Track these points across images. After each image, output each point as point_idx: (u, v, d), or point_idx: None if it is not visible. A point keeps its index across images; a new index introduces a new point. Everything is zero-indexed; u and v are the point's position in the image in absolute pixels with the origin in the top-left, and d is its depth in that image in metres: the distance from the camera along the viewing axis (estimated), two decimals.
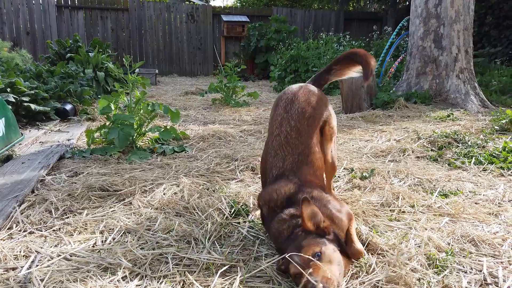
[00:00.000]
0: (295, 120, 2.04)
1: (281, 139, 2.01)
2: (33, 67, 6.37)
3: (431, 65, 6.22)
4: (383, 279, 1.57)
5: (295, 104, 2.10)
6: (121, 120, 3.62)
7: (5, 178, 2.73)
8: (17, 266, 1.71)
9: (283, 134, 2.02)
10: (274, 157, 2.00)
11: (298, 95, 2.15)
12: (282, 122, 2.06)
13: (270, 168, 2.01)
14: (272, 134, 2.07)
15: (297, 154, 1.97)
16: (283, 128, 2.04)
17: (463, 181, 2.81)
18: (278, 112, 2.11)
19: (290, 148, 1.98)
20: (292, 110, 2.08)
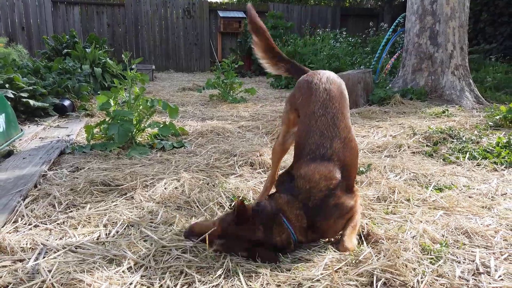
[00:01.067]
0: (339, 102, 2.02)
1: (328, 120, 1.97)
2: (31, 62, 6.37)
3: (427, 62, 6.28)
4: (378, 267, 1.63)
5: (334, 86, 2.07)
6: (121, 116, 3.65)
7: (8, 173, 2.76)
8: (24, 258, 1.76)
9: (329, 115, 1.98)
10: (320, 136, 1.94)
11: (331, 78, 2.15)
12: (325, 103, 2.01)
13: (316, 145, 1.93)
14: (315, 114, 1.99)
15: (343, 138, 1.95)
16: (328, 109, 1.99)
17: (457, 175, 2.88)
18: (319, 93, 2.05)
19: (337, 130, 1.95)
20: (332, 93, 2.04)
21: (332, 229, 1.88)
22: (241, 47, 13.68)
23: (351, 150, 1.97)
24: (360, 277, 1.60)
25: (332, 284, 1.53)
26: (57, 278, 1.57)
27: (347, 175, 1.91)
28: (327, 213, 1.82)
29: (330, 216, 1.83)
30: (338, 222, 1.87)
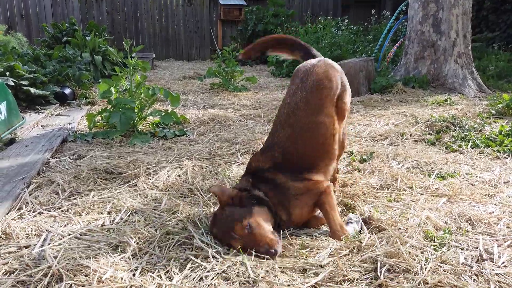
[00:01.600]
0: (308, 91, 2.03)
1: (290, 108, 2.01)
2: (30, 50, 6.33)
3: (430, 50, 6.23)
4: (382, 254, 1.64)
5: (312, 75, 2.08)
6: (122, 104, 3.63)
7: (10, 161, 2.76)
8: (29, 244, 1.77)
9: (293, 103, 2.02)
10: (278, 125, 2.02)
11: (316, 66, 2.14)
12: (296, 91, 2.05)
13: (272, 134, 2.03)
14: (284, 102, 2.07)
15: (299, 127, 1.97)
16: (295, 97, 2.03)
17: (460, 163, 2.88)
18: (295, 82, 2.10)
19: (294, 119, 1.98)
20: (308, 81, 2.06)
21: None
22: (242, 35, 13.57)
23: (306, 140, 1.97)
24: (364, 263, 1.61)
25: (336, 270, 1.54)
26: (63, 264, 1.58)
27: (292, 162, 1.94)
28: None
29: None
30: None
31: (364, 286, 1.47)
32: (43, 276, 1.53)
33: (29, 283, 1.50)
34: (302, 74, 2.12)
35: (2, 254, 1.69)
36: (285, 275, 1.54)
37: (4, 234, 1.84)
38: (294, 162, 1.94)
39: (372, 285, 1.48)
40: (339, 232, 1.83)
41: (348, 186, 2.44)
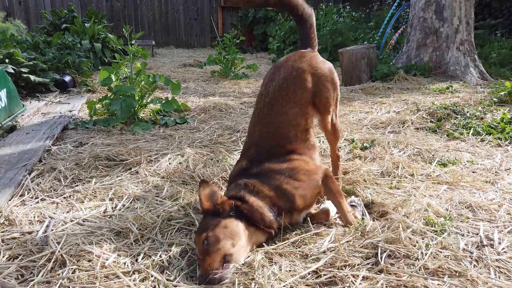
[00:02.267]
0: (274, 88, 2.00)
1: (259, 109, 2.00)
2: (30, 37, 6.28)
3: (432, 37, 6.18)
4: (383, 240, 1.65)
5: (280, 71, 2.05)
6: (123, 91, 3.62)
7: (12, 148, 2.77)
8: (32, 230, 1.78)
9: (260, 104, 2.01)
10: (250, 126, 2.03)
11: (285, 62, 2.10)
12: (266, 89, 2.03)
13: (248, 137, 2.03)
14: (256, 103, 2.06)
15: (265, 124, 1.94)
16: (263, 97, 2.01)
17: (461, 151, 2.88)
18: (266, 80, 2.08)
19: (262, 118, 1.96)
20: (276, 78, 2.04)
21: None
22: (242, 22, 13.44)
23: (274, 129, 1.95)
24: (365, 249, 1.62)
25: (338, 255, 1.55)
26: (66, 249, 1.59)
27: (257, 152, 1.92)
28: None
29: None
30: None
31: (365, 271, 1.48)
32: (47, 261, 1.54)
33: (33, 268, 1.51)
34: (272, 70, 2.11)
35: (6, 239, 1.71)
36: (287, 260, 1.55)
37: (7, 220, 1.85)
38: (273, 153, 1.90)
39: (373, 271, 1.49)
40: (350, 218, 1.84)
41: (349, 173, 2.45)
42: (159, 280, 1.44)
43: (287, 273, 1.47)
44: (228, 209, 1.61)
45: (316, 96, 2.06)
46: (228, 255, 1.48)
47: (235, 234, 1.55)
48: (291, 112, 1.97)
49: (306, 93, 2.02)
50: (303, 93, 2.01)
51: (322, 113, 2.13)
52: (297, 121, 1.97)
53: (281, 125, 1.95)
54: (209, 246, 1.47)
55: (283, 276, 1.45)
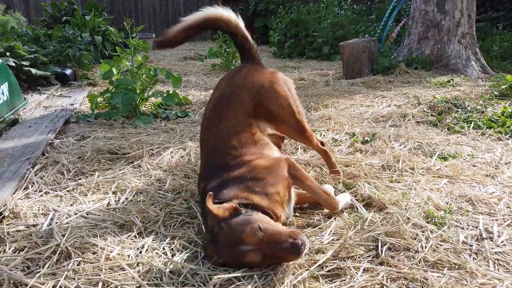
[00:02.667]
0: (214, 102, 2.04)
1: (205, 125, 2.03)
2: (30, 30, 6.26)
3: (433, 30, 6.15)
4: (383, 233, 1.67)
5: (222, 84, 2.10)
6: (124, 85, 3.62)
7: (15, 141, 2.78)
8: (37, 223, 1.80)
9: (206, 119, 2.04)
10: (200, 144, 2.08)
11: (222, 80, 2.16)
12: (208, 106, 2.09)
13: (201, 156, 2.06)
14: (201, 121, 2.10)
15: (212, 140, 1.95)
16: (207, 111, 2.06)
17: (461, 145, 2.89)
18: (210, 98, 2.13)
19: (207, 136, 1.98)
20: (216, 92, 2.08)
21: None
22: (243, 15, 13.35)
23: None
24: (366, 241, 1.64)
25: (341, 248, 1.58)
26: (71, 242, 1.61)
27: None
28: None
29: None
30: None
31: (366, 263, 1.50)
32: (52, 253, 1.56)
33: (39, 260, 1.54)
34: (218, 83, 2.16)
35: (11, 232, 1.73)
36: None
37: (12, 213, 1.87)
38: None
39: (374, 263, 1.51)
40: (330, 199, 1.86)
41: (350, 167, 2.46)
42: (163, 272, 1.46)
43: (295, 266, 1.50)
44: (240, 209, 1.57)
45: (258, 107, 2.03)
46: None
47: (268, 219, 1.55)
48: (230, 124, 1.95)
49: (244, 106, 2.00)
50: (240, 107, 1.99)
51: (274, 122, 2.10)
52: (240, 131, 1.94)
53: (225, 138, 1.92)
54: (266, 228, 1.44)
55: (293, 269, 1.47)
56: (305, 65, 7.77)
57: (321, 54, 8.62)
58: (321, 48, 8.66)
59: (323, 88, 5.09)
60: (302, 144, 2.71)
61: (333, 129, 3.26)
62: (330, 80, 5.68)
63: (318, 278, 1.45)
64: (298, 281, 1.42)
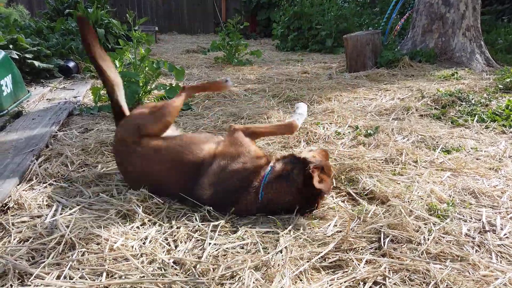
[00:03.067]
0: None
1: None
2: (33, 23, 6.26)
3: (438, 23, 6.10)
4: (386, 225, 1.67)
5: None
6: (127, 77, 3.62)
7: (19, 134, 2.79)
8: (42, 214, 1.81)
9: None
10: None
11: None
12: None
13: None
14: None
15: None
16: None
17: (465, 138, 2.88)
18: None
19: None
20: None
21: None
22: (246, 7, 13.31)
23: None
24: (368, 233, 1.64)
25: (344, 240, 1.58)
26: (75, 233, 1.62)
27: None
28: None
29: None
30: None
31: (369, 255, 1.51)
32: (57, 244, 1.57)
33: (43, 251, 1.55)
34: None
35: (16, 223, 1.74)
36: (295, 247, 1.58)
37: (16, 204, 1.88)
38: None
39: (376, 255, 1.52)
40: (285, 128, 2.12)
41: (353, 160, 2.46)
42: (167, 263, 1.47)
43: (297, 258, 1.50)
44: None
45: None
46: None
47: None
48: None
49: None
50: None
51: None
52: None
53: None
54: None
55: (293, 260, 1.48)
56: (308, 58, 7.74)
57: (325, 47, 8.58)
58: (325, 41, 8.62)
59: (326, 81, 5.07)
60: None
61: (336, 122, 3.25)
62: (333, 73, 5.66)
63: (320, 270, 1.46)
64: (300, 272, 1.43)
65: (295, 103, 2.36)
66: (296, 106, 2.28)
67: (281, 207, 1.79)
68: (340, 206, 1.92)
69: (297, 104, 2.29)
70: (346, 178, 2.22)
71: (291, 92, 4.37)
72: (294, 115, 2.20)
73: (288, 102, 4.03)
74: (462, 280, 1.36)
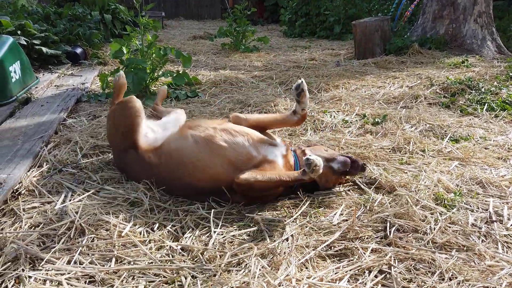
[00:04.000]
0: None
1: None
2: (40, 8, 6.25)
3: (449, 8, 5.98)
4: (392, 214, 1.67)
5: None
6: (134, 64, 3.62)
7: (28, 120, 2.82)
8: (52, 200, 1.84)
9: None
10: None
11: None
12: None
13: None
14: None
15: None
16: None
17: (474, 127, 2.85)
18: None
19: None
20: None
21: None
22: None
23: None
24: (374, 223, 1.65)
25: (349, 228, 1.59)
26: (84, 219, 1.65)
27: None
28: None
29: None
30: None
31: (374, 244, 1.52)
32: (67, 229, 1.60)
33: (54, 236, 1.58)
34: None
35: (26, 209, 1.78)
36: (301, 235, 1.60)
37: (27, 190, 1.91)
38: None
39: (382, 244, 1.53)
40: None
41: (360, 148, 2.45)
42: (175, 250, 1.50)
43: (303, 246, 1.52)
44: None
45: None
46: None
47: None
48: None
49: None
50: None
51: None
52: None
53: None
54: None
55: (299, 248, 1.50)
56: (316, 45, 7.66)
57: (333, 34, 8.47)
58: (333, 27, 8.50)
59: (334, 68, 5.02)
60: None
61: (344, 110, 3.23)
62: (341, 60, 5.61)
63: (325, 258, 1.47)
64: (306, 260, 1.44)
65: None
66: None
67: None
68: (346, 195, 1.93)
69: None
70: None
71: (298, 79, 4.34)
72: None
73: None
74: (467, 270, 1.37)
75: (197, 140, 1.84)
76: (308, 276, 1.35)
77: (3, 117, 2.91)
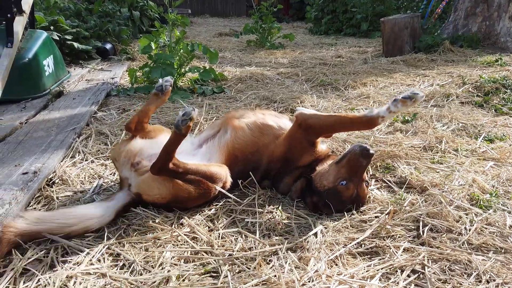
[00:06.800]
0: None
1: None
2: (72, 5, 6.41)
3: (482, 5, 5.79)
4: (424, 214, 1.63)
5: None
6: (163, 59, 3.67)
7: (60, 112, 2.90)
8: (84, 189, 1.89)
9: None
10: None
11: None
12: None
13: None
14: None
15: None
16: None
17: (509, 127, 2.75)
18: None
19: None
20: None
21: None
22: None
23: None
24: (406, 222, 1.61)
25: (382, 226, 1.56)
26: None
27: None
28: None
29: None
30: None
31: (407, 243, 1.48)
32: None
33: None
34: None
35: (60, 197, 1.82)
36: (331, 231, 1.58)
37: (60, 179, 1.96)
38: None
39: (414, 243, 1.49)
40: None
41: (390, 146, 2.40)
42: (201, 237, 1.51)
43: (332, 242, 1.50)
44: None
45: None
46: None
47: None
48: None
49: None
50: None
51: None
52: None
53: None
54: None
55: (330, 245, 1.48)
56: (342, 42, 7.56)
57: (360, 31, 8.34)
58: (360, 24, 8.37)
59: (361, 65, 4.94)
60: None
61: None
62: (369, 57, 5.51)
63: (356, 256, 1.45)
64: (335, 256, 1.42)
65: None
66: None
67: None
68: (379, 194, 1.89)
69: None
70: (382, 166, 2.17)
71: (325, 76, 4.30)
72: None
73: (321, 87, 3.96)
74: (506, 273, 1.32)
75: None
76: (338, 273, 1.33)
77: (37, 109, 3.00)
